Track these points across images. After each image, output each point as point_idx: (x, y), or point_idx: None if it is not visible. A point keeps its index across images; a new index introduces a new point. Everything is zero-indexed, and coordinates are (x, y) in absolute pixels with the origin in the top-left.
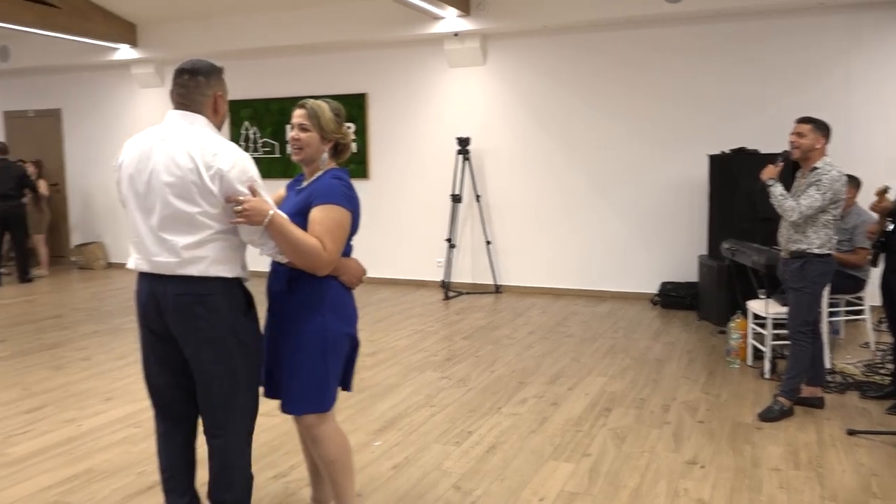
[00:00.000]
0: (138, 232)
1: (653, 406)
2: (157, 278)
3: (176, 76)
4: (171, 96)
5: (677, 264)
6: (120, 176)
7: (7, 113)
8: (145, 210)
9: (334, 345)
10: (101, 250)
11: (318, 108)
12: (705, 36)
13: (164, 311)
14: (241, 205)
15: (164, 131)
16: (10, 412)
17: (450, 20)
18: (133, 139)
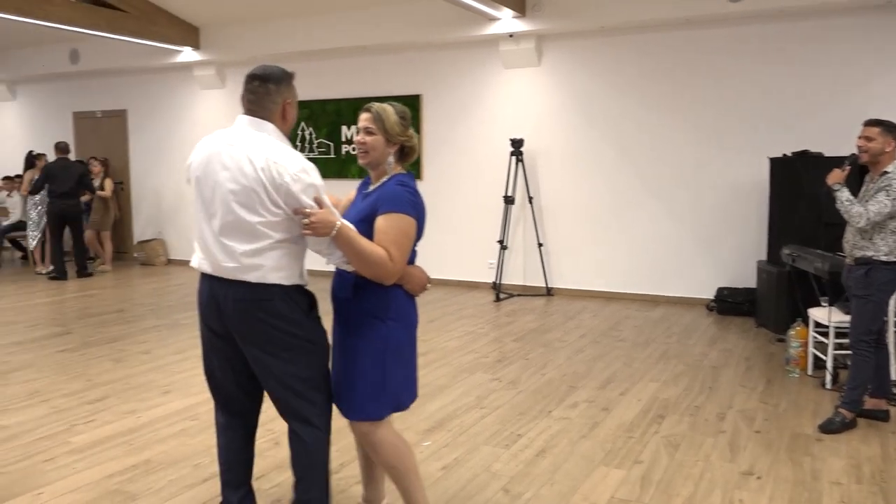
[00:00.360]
0: (202, 234)
1: (707, 414)
2: (219, 280)
3: (247, 82)
4: (241, 101)
5: (734, 269)
6: (189, 175)
7: (76, 113)
8: (209, 214)
9: (395, 353)
10: (162, 247)
11: (382, 111)
12: (767, 36)
13: (224, 313)
14: (307, 217)
15: (233, 136)
16: (75, 402)
17: (505, 21)
18: (203, 141)
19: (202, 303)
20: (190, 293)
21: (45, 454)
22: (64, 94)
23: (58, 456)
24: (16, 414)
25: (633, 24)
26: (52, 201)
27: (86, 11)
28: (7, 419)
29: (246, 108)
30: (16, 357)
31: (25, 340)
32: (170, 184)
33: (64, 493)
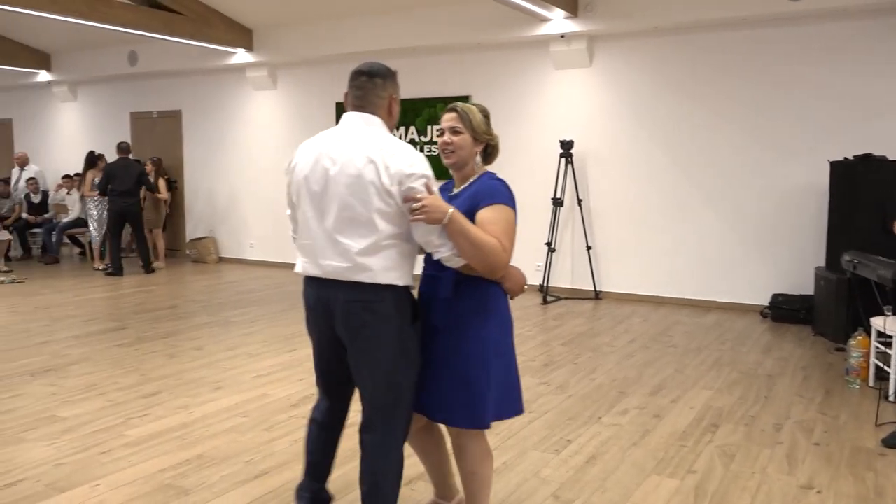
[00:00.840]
0: (310, 234)
1: (763, 424)
2: (327, 283)
3: (353, 78)
4: (345, 98)
5: (790, 276)
6: (292, 178)
7: (133, 114)
8: (320, 211)
9: (496, 354)
10: (213, 245)
11: (469, 110)
12: (828, 35)
13: (333, 316)
14: (419, 202)
15: (343, 132)
16: (130, 396)
17: (557, 22)
18: (308, 142)
19: (309, 307)
20: (241, 291)
21: (102, 446)
22: (122, 95)
23: (114, 448)
24: (74, 406)
25: (687, 24)
26: (112, 200)
27: (144, 14)
28: (66, 411)
29: (353, 104)
30: (74, 350)
31: (83, 334)
32: (222, 183)
33: (120, 486)
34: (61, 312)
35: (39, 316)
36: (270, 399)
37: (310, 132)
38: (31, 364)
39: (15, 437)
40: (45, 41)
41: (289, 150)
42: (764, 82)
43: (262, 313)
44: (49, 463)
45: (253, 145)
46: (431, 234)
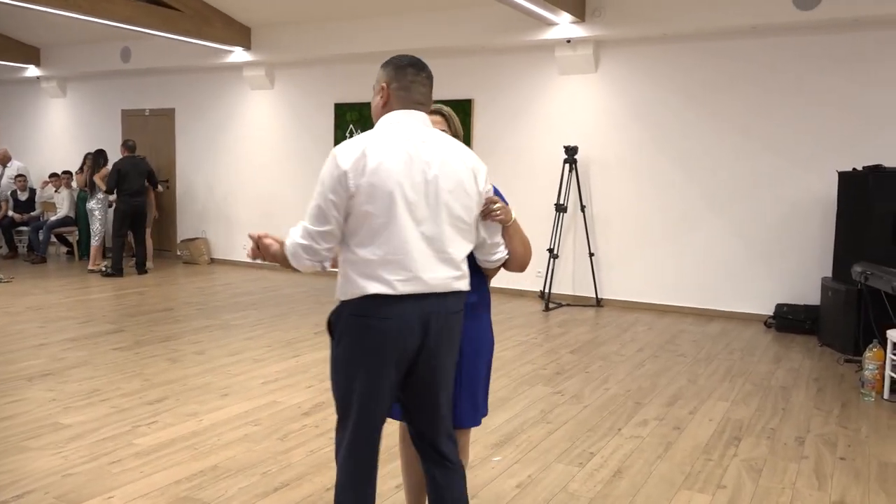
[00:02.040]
0: (405, 246)
1: (786, 437)
2: (427, 297)
3: (416, 72)
4: (405, 92)
5: (794, 286)
6: (371, 182)
7: (125, 111)
8: (418, 220)
9: (490, 350)
10: (205, 246)
11: (451, 113)
12: (838, 45)
13: (429, 332)
14: (497, 203)
15: (420, 133)
16: (135, 402)
17: (563, 26)
18: (380, 142)
19: (393, 332)
20: (236, 293)
21: (111, 456)
22: (113, 92)
23: (124, 458)
24: (77, 413)
25: (695, 32)
26: (122, 199)
27: (143, 10)
28: (70, 417)
29: (416, 101)
30: (71, 353)
31: (79, 337)
32: (215, 183)
33: (134, 498)
34: (54, 314)
35: (32, 317)
36: (281, 407)
37: (307, 133)
38: (29, 368)
39: (18, 446)
40: (35, 35)
41: (285, 152)
42: (772, 91)
43: (262, 317)
44: (57, 473)
45: (248, 145)
46: (497, 235)
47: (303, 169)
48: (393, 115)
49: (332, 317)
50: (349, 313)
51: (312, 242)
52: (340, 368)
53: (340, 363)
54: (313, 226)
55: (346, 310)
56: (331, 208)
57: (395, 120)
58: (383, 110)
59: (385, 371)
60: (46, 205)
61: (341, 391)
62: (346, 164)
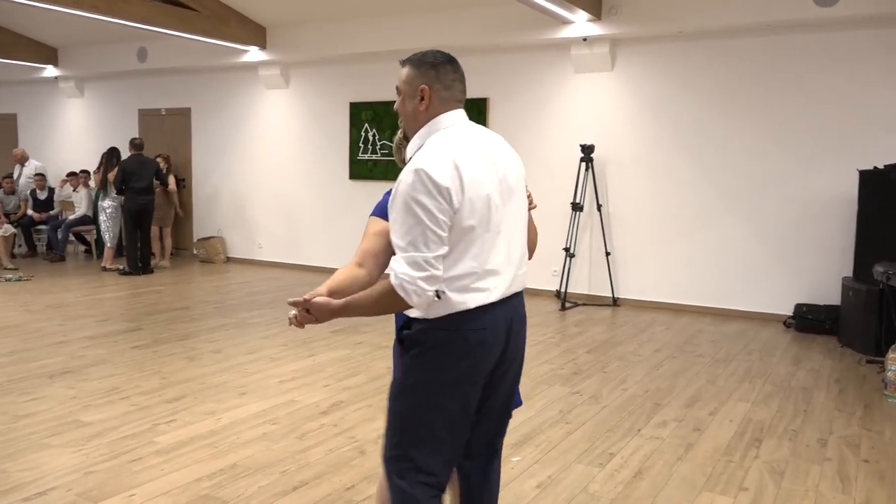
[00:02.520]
0: (495, 252)
1: (807, 439)
2: (508, 300)
3: (455, 69)
4: (446, 95)
5: (813, 285)
6: (467, 196)
7: (142, 111)
8: (500, 222)
9: None
10: (221, 244)
11: None
12: (858, 42)
13: (510, 337)
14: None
15: (479, 132)
16: (154, 401)
17: (579, 24)
18: (462, 151)
19: (489, 342)
20: (253, 292)
21: (132, 454)
22: (130, 92)
23: (144, 456)
24: (98, 411)
25: (711, 30)
26: (130, 198)
27: (160, 10)
28: (90, 415)
29: (458, 99)
30: (91, 352)
31: (98, 335)
32: (231, 182)
33: (155, 496)
34: (73, 312)
35: (51, 315)
36: (298, 406)
37: (323, 132)
38: (49, 365)
39: (40, 443)
40: (53, 35)
41: (300, 151)
42: (790, 89)
43: (279, 315)
44: (79, 471)
45: (263, 144)
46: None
47: (318, 168)
48: (447, 117)
49: (416, 332)
50: (442, 329)
51: (432, 271)
52: (425, 387)
53: (427, 382)
54: (428, 252)
55: (438, 325)
56: (443, 229)
57: (451, 122)
58: (425, 114)
59: (475, 389)
60: (65, 204)
61: (421, 413)
62: (445, 180)
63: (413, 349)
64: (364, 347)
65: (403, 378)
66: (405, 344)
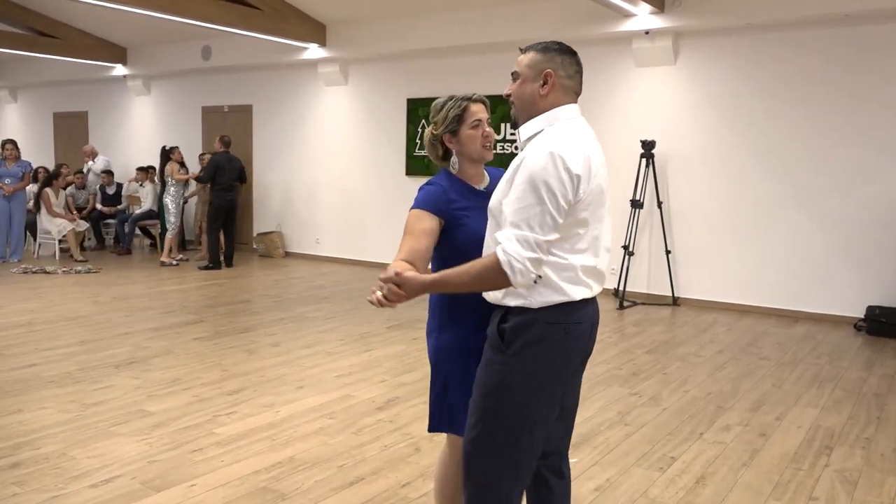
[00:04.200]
0: (601, 246)
1: (882, 448)
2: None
3: (578, 61)
4: (568, 84)
5: (889, 287)
6: (590, 188)
7: (205, 108)
8: (601, 217)
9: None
10: (280, 239)
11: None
12: None
13: (594, 333)
14: None
15: (586, 128)
16: (215, 392)
17: (641, 17)
18: (587, 142)
19: (585, 337)
20: (311, 286)
21: (193, 444)
22: (194, 89)
23: (205, 447)
24: (161, 401)
25: (782, 21)
26: (218, 193)
27: (223, 9)
28: (154, 405)
29: (577, 90)
30: (155, 343)
31: (162, 327)
32: (290, 178)
33: (216, 487)
34: (138, 304)
35: (118, 307)
36: (355, 401)
37: (380, 128)
38: (116, 356)
39: (107, 431)
40: (122, 35)
41: (358, 147)
42: (865, 82)
43: (336, 310)
44: (143, 459)
45: (322, 141)
46: None
47: (375, 164)
48: (568, 109)
49: (516, 325)
50: (545, 321)
51: (540, 253)
52: (523, 383)
53: (525, 377)
54: (542, 235)
55: (541, 317)
56: (561, 215)
57: (572, 115)
58: (545, 100)
59: (565, 385)
60: (132, 199)
61: (517, 409)
62: (578, 168)
63: (515, 343)
64: (420, 343)
65: (500, 375)
66: (505, 338)
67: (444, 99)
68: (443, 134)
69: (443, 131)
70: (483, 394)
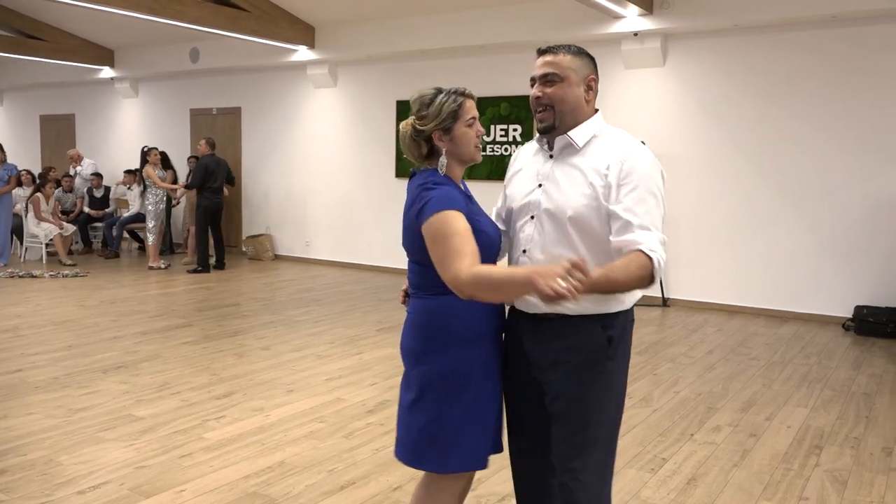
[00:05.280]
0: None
1: (871, 447)
2: None
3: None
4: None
5: (875, 287)
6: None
7: (193, 110)
8: None
9: None
10: (269, 242)
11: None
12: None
13: None
14: None
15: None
16: (204, 396)
17: (630, 19)
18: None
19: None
20: (301, 289)
21: (182, 449)
22: (182, 92)
23: (194, 452)
24: (149, 406)
25: (770, 23)
26: (206, 196)
27: (211, 11)
28: (142, 410)
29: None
30: (143, 347)
31: (150, 331)
32: (279, 180)
33: (205, 492)
34: (127, 307)
35: (106, 310)
36: (346, 404)
37: (370, 130)
38: (104, 360)
39: (95, 437)
40: (109, 38)
41: (348, 149)
42: (853, 84)
43: (325, 313)
44: (131, 465)
45: (312, 143)
46: None
47: (365, 166)
48: (601, 116)
49: (620, 329)
50: (630, 319)
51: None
52: (619, 389)
53: (621, 382)
54: (664, 234)
55: (623, 319)
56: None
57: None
58: (588, 106)
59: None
60: (120, 202)
61: (615, 415)
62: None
63: (619, 348)
64: None
65: (607, 385)
66: (612, 344)
67: (432, 91)
68: (434, 130)
69: (434, 127)
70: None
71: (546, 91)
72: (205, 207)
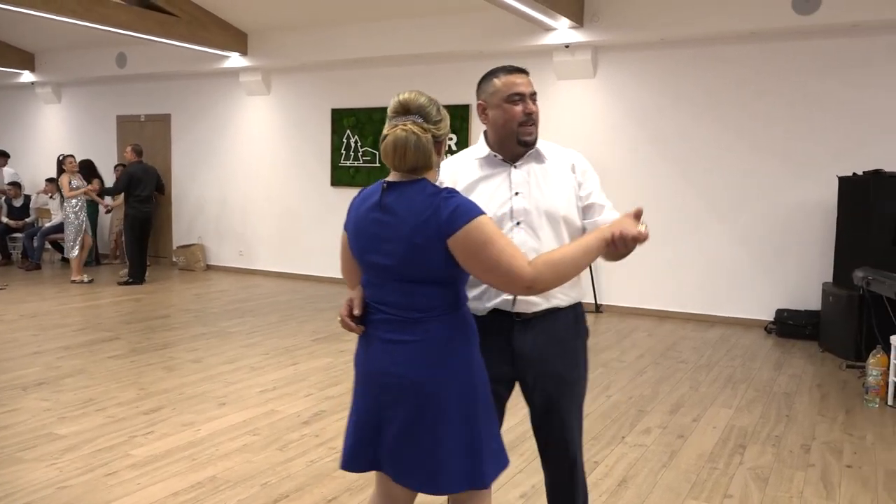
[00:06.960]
0: None
1: (791, 445)
2: None
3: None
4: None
5: (795, 291)
6: None
7: (120, 117)
8: None
9: None
10: (201, 252)
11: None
12: (839, 50)
13: None
14: None
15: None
16: (131, 412)
17: (562, 31)
18: None
19: None
20: (234, 300)
21: (107, 467)
22: (108, 98)
23: (120, 470)
24: (72, 423)
25: (694, 37)
26: (134, 206)
27: (139, 15)
28: (64, 428)
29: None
30: (66, 362)
31: (74, 345)
32: (211, 189)
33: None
34: (49, 321)
35: (27, 325)
36: (279, 416)
37: (304, 139)
38: (24, 376)
39: (13, 457)
40: (30, 40)
41: (282, 157)
42: (771, 96)
43: (260, 324)
44: (53, 486)
45: (246, 151)
46: None
47: (299, 175)
48: None
49: (581, 317)
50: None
51: None
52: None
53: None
54: None
55: (582, 307)
56: None
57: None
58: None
59: None
60: (41, 211)
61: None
62: None
63: (585, 331)
64: (347, 356)
65: (584, 356)
66: (582, 329)
67: (428, 96)
68: (444, 136)
69: (445, 133)
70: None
71: (534, 108)
72: (133, 217)
